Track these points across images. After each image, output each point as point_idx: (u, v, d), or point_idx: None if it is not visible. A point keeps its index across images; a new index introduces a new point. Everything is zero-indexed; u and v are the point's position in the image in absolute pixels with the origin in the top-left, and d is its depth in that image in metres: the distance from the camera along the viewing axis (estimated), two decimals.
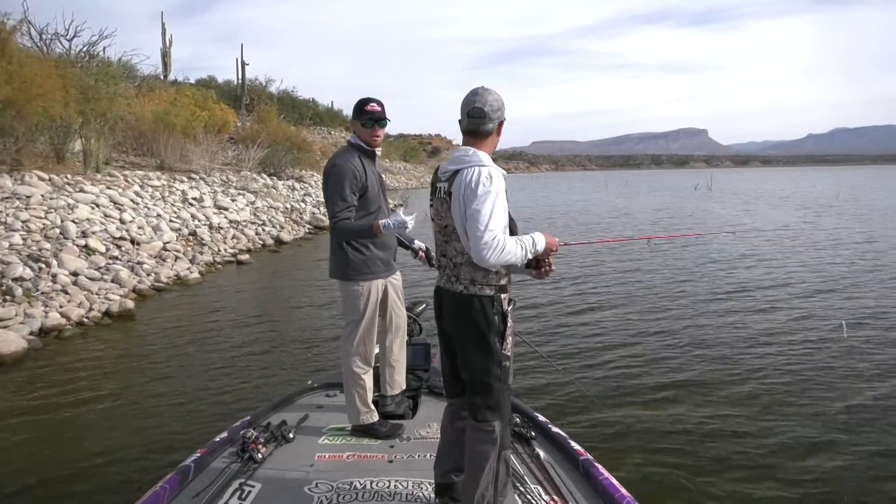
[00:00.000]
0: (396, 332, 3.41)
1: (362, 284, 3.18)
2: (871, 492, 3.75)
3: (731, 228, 15.37)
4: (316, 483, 2.66)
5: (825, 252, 12.99)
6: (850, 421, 4.64)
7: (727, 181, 61.52)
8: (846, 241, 14.87)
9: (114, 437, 4.53)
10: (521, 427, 3.09)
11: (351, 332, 3.24)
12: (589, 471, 2.70)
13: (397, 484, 2.66)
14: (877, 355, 6.09)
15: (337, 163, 3.13)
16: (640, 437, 4.42)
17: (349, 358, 3.23)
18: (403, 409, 3.51)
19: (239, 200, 17.04)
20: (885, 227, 17.77)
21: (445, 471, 2.52)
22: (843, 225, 18.81)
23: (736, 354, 6.23)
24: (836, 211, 24.09)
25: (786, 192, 40.30)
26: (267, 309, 8.64)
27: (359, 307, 3.20)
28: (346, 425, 3.27)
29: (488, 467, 2.29)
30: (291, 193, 21.75)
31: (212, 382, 5.65)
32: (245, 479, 2.68)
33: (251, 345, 6.82)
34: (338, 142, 55.04)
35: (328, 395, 3.76)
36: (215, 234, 13.58)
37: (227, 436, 3.09)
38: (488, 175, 2.21)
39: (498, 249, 2.13)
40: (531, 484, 2.65)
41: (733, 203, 30.35)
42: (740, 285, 9.65)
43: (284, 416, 3.31)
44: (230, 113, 28.18)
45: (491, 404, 2.30)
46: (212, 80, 39.61)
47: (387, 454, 2.98)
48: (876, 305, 8.12)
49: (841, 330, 6.42)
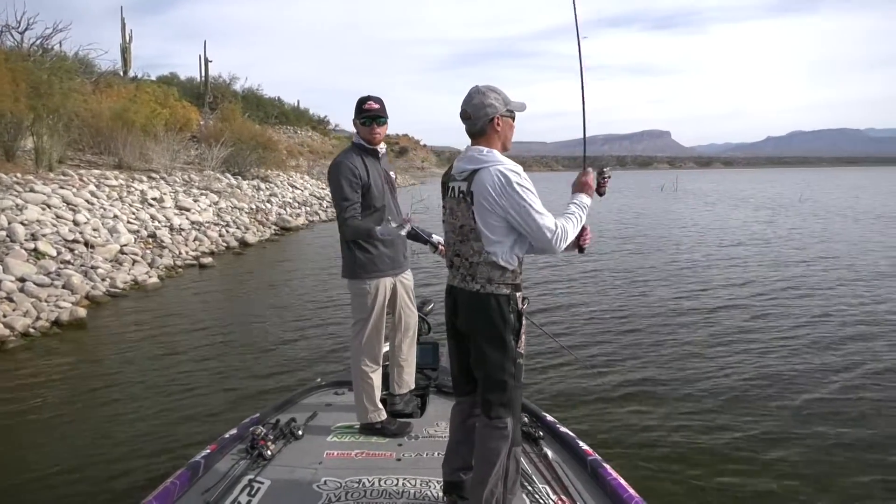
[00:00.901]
0: (406, 331, 3.42)
1: (370, 283, 3.20)
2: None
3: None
4: (324, 480, 2.69)
5: (813, 255, 13.06)
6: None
7: (692, 182, 62.42)
8: (808, 240, 15.05)
9: (57, 455, 4.19)
10: (529, 427, 3.10)
11: (359, 331, 3.26)
12: (597, 471, 2.71)
13: (405, 482, 2.69)
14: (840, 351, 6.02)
15: (334, 163, 3.20)
16: (649, 437, 4.40)
17: (358, 356, 3.26)
18: (412, 407, 3.52)
19: (201, 201, 16.46)
20: (846, 229, 18.08)
21: (454, 469, 2.53)
22: (803, 226, 19.11)
23: (749, 358, 6.11)
24: (796, 211, 24.53)
25: (760, 193, 40.97)
26: (232, 315, 8.24)
27: (366, 305, 3.22)
28: (355, 423, 3.29)
29: (499, 464, 2.30)
30: (257, 194, 21.17)
31: (169, 398, 5.26)
32: (254, 475, 2.72)
33: (213, 357, 6.43)
34: (304, 141, 54.39)
35: (337, 393, 3.78)
36: (176, 235, 13.03)
37: (237, 433, 3.12)
38: (512, 171, 2.25)
39: (564, 236, 2.27)
40: (539, 484, 2.67)
41: (713, 205, 30.67)
42: (761, 292, 9.59)
43: (293, 414, 3.34)
44: (193, 111, 27.39)
45: (504, 401, 2.32)
46: (174, 77, 38.59)
47: (395, 452, 3.01)
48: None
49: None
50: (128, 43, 29.74)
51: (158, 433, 4.56)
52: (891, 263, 11.65)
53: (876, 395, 5.19)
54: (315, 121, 65.61)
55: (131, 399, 5.24)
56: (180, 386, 5.52)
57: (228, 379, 5.71)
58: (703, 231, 18.13)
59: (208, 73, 36.73)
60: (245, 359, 6.32)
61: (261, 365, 6.12)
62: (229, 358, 6.34)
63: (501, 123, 2.37)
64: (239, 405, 5.01)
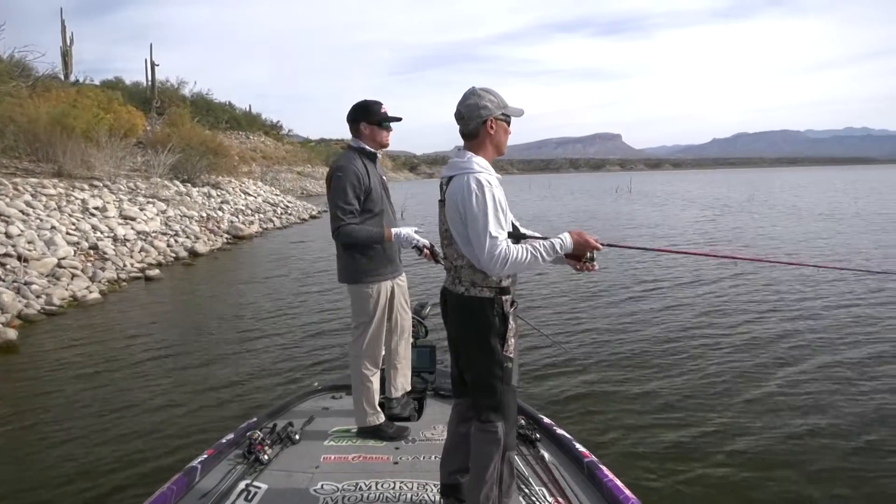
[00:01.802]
0: (402, 333, 3.43)
1: (372, 286, 3.21)
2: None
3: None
4: (321, 484, 2.68)
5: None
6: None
7: (645, 184, 63.61)
8: (764, 239, 15.29)
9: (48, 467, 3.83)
10: (525, 429, 3.09)
11: (360, 334, 3.26)
12: (594, 473, 2.70)
13: (402, 485, 2.68)
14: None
15: (340, 167, 3.14)
16: (646, 439, 4.36)
17: (358, 360, 3.26)
18: (409, 411, 3.53)
19: (148, 209, 15.72)
20: (798, 226, 18.50)
21: (451, 471, 2.52)
22: (752, 223, 19.48)
23: (747, 361, 6.03)
24: (746, 210, 25.06)
25: (712, 194, 41.84)
26: (179, 331, 7.73)
27: (368, 309, 3.22)
28: (352, 427, 3.30)
29: (492, 468, 2.29)
30: (207, 201, 20.44)
31: (106, 426, 4.78)
32: (251, 480, 2.71)
33: (158, 377, 5.94)
34: (257, 147, 53.34)
35: (334, 398, 3.78)
36: (120, 247, 12.34)
37: (234, 437, 3.11)
38: (478, 182, 2.20)
39: (503, 260, 2.15)
40: (536, 486, 2.66)
41: (672, 206, 31.11)
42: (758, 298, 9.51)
43: (290, 418, 3.35)
44: (138, 116, 26.42)
45: (494, 405, 2.30)
46: (119, 81, 37.30)
47: (392, 456, 3.01)
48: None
49: None
50: (68, 46, 28.56)
51: (93, 471, 4.10)
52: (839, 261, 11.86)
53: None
54: (268, 126, 64.60)
55: (55, 422, 4.75)
56: (118, 406, 5.05)
57: (174, 399, 5.26)
58: (680, 233, 18.25)
59: (155, 78, 35.67)
60: (195, 376, 5.87)
61: (215, 381, 5.68)
62: (176, 375, 5.88)
63: (495, 126, 2.33)
64: (193, 426, 4.60)
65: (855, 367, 5.77)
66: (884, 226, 17.95)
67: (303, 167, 57.81)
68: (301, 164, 58.47)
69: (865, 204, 27.57)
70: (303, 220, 24.70)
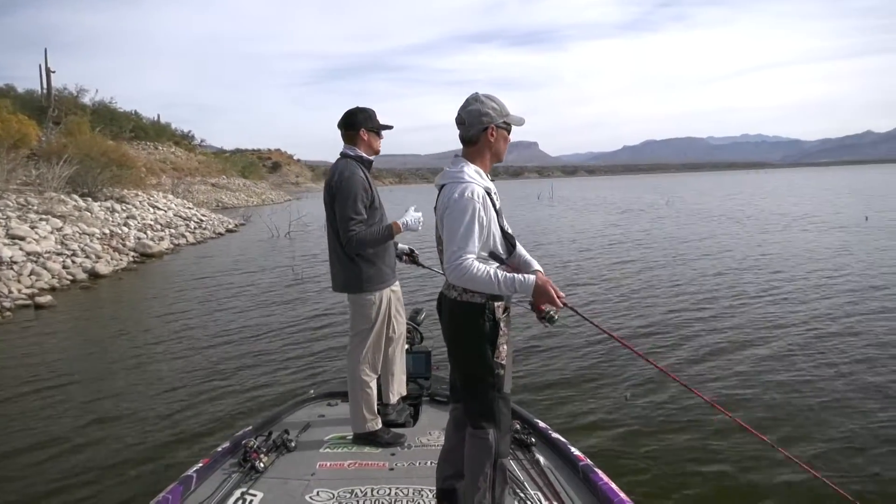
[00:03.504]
0: (398, 340, 3.44)
1: (375, 294, 3.22)
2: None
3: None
4: (317, 491, 2.67)
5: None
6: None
7: (564, 190, 64.99)
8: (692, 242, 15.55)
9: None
10: (520, 433, 3.10)
11: (361, 342, 3.26)
12: (589, 476, 2.68)
13: (398, 491, 2.68)
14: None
15: (347, 177, 3.13)
16: (641, 441, 4.32)
17: (358, 366, 3.26)
18: (405, 417, 3.52)
19: (40, 227, 14.12)
20: (718, 227, 19.03)
21: (446, 477, 2.51)
22: (679, 229, 19.92)
23: (743, 364, 5.93)
24: (664, 214, 25.79)
25: (628, 198, 43.04)
26: (74, 368, 6.65)
27: (370, 316, 3.23)
28: (348, 434, 3.30)
29: (484, 475, 2.28)
30: (111, 216, 18.78)
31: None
32: (247, 488, 2.70)
33: (41, 427, 4.98)
34: (166, 158, 50.73)
35: (330, 405, 3.77)
36: (6, 270, 10.92)
37: (229, 445, 3.10)
38: (462, 192, 2.19)
39: (461, 272, 2.13)
40: (531, 490, 2.66)
41: (597, 213, 31.54)
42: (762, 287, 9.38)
43: (286, 426, 3.34)
44: (30, 125, 24.29)
45: (484, 411, 2.29)
46: (9, 88, 34.39)
47: (388, 462, 3.01)
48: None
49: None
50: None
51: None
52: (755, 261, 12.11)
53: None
54: (178, 136, 61.87)
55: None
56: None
57: (69, 458, 4.37)
58: (618, 239, 18.30)
59: (51, 85, 33.14)
60: (84, 411, 4.96)
61: (109, 440, 4.79)
62: (71, 433, 4.94)
63: (496, 134, 2.32)
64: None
65: (849, 367, 5.72)
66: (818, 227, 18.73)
67: (217, 178, 55.56)
68: (215, 176, 56.19)
69: (768, 206, 28.99)
70: (219, 235, 23.29)
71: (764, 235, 16.70)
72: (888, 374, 5.46)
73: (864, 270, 10.60)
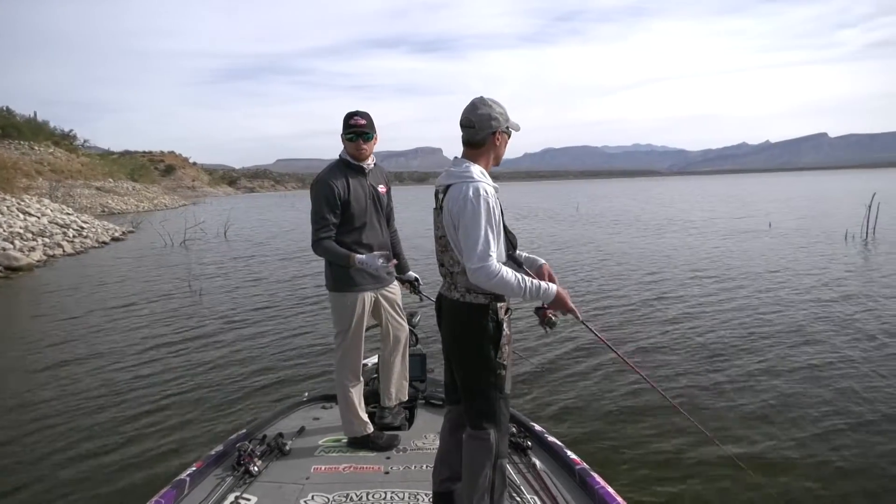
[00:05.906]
0: (395, 344, 3.39)
1: (348, 295, 3.18)
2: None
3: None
4: (312, 496, 2.65)
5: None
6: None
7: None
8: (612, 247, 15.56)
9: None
10: (517, 437, 3.08)
11: (339, 343, 3.25)
12: (585, 480, 2.65)
13: (393, 495, 2.65)
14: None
15: (317, 180, 3.19)
16: (638, 446, 4.30)
17: (339, 370, 3.27)
18: (400, 420, 3.49)
19: None
20: (627, 231, 19.32)
21: (443, 479, 2.48)
22: (598, 233, 20.06)
23: (741, 368, 5.89)
24: (579, 221, 26.17)
25: (541, 206, 43.66)
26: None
27: (344, 318, 3.20)
28: (343, 437, 3.27)
29: (484, 476, 2.27)
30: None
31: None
32: (241, 492, 2.67)
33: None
34: (44, 159, 46.42)
35: (324, 408, 3.74)
36: None
37: (223, 449, 3.05)
38: (477, 191, 2.18)
39: (490, 275, 2.12)
40: (527, 494, 2.63)
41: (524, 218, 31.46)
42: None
43: (280, 429, 3.30)
44: None
45: (486, 412, 2.28)
46: None
47: (383, 465, 2.97)
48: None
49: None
50: None
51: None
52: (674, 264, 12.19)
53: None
54: (58, 135, 57.11)
55: None
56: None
57: None
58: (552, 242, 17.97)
59: None
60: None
61: None
62: None
63: (501, 139, 2.35)
64: None
65: (841, 363, 5.81)
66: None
67: (103, 182, 51.52)
68: (101, 179, 52.11)
69: (677, 212, 30.21)
70: (102, 244, 21.09)
71: (688, 239, 17.06)
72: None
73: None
